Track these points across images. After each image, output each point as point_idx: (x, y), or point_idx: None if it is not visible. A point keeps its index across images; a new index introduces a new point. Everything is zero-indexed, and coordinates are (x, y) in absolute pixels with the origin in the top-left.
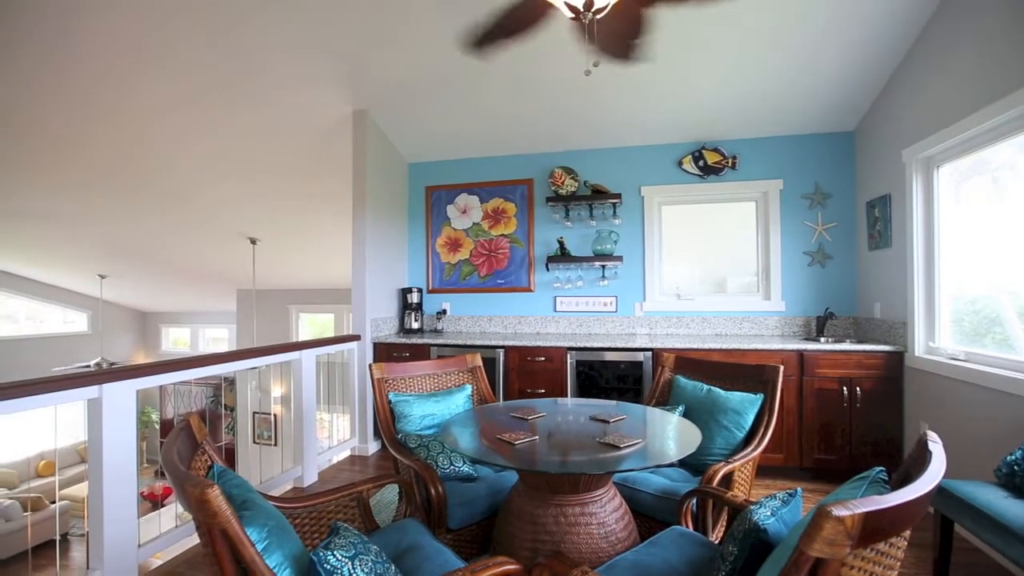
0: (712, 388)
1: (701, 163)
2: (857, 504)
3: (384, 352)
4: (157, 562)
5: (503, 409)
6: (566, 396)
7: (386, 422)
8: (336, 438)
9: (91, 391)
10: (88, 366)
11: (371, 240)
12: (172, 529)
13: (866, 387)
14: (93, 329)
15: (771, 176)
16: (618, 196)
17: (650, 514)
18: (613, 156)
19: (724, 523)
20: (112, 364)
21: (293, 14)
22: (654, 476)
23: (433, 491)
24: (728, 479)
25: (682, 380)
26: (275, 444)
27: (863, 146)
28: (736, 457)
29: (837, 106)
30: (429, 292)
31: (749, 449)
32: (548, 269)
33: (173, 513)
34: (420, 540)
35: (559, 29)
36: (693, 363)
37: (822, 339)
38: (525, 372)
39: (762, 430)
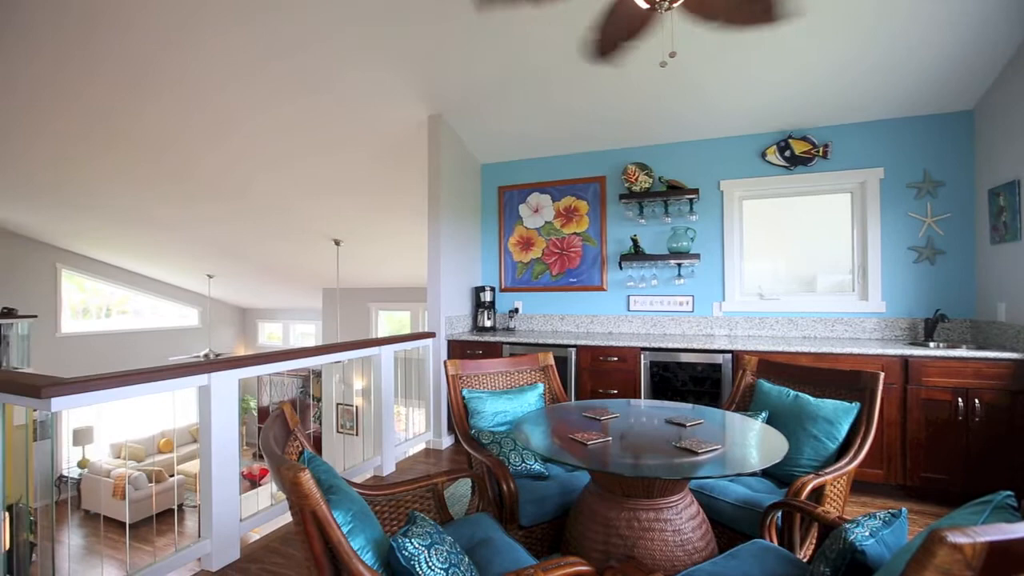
0: (800, 394)
1: (787, 153)
2: (979, 531)
3: (458, 349)
4: (255, 536)
5: (575, 408)
6: (639, 397)
7: (460, 418)
8: (412, 431)
9: (202, 379)
10: (199, 357)
11: (445, 240)
12: (268, 507)
13: (987, 399)
14: (203, 323)
15: (870, 164)
16: (695, 191)
17: (730, 525)
18: (690, 149)
19: (814, 540)
20: (218, 355)
21: (375, 34)
22: (734, 485)
23: (505, 487)
24: (818, 493)
25: (766, 385)
26: (356, 434)
27: (985, 126)
28: (828, 470)
29: (952, 82)
30: (502, 291)
31: (843, 462)
32: (621, 268)
33: (268, 493)
34: (492, 534)
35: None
36: (778, 367)
37: (931, 344)
38: (597, 372)
39: (858, 442)
